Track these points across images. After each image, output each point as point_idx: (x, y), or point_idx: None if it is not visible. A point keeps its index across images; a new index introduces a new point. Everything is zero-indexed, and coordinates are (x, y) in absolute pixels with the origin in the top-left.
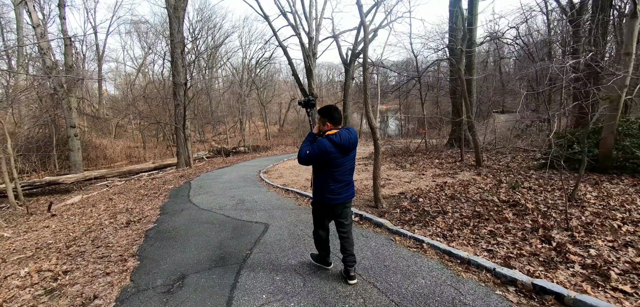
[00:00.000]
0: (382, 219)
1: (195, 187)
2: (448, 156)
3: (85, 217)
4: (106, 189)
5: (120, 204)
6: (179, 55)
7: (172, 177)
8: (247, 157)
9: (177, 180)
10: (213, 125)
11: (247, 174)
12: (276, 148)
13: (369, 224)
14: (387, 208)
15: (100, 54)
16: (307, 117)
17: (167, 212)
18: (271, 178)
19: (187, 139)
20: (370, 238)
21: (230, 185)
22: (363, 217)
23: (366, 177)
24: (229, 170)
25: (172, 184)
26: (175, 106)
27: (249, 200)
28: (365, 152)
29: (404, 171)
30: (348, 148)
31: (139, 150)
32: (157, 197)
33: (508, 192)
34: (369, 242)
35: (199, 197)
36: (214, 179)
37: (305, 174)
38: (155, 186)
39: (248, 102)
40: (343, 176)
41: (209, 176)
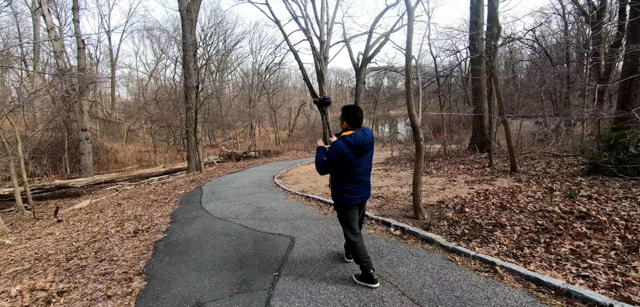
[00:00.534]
0: (430, 233)
1: (207, 193)
2: (472, 161)
3: (91, 224)
4: (116, 193)
5: (129, 210)
6: (191, 57)
7: (183, 181)
8: (259, 162)
9: (187, 185)
10: (223, 130)
11: (260, 179)
12: (287, 153)
13: (415, 239)
14: (430, 219)
15: (113, 59)
16: (322, 115)
17: (178, 220)
18: (287, 184)
19: (198, 143)
20: (423, 258)
21: (244, 191)
22: (406, 230)
23: (392, 184)
24: (241, 175)
25: (183, 189)
26: (186, 109)
27: (267, 208)
28: (379, 157)
29: (431, 177)
30: (363, 149)
31: (150, 155)
32: (167, 204)
33: (566, 202)
34: (423, 262)
35: (212, 204)
36: (226, 184)
37: (324, 179)
38: (165, 191)
39: (258, 107)
40: (360, 176)
41: (221, 180)
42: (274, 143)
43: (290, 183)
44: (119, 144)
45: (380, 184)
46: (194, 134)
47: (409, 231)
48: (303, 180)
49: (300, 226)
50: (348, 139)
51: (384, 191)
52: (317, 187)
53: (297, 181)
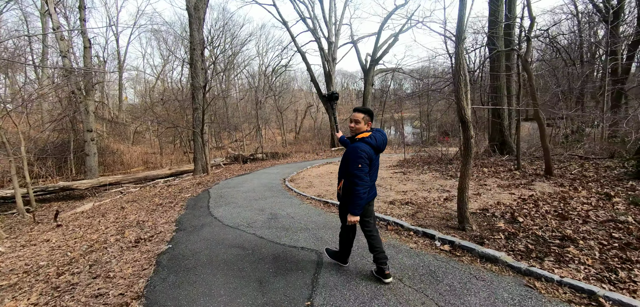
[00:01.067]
0: (488, 249)
1: (215, 197)
2: (495, 163)
3: (90, 230)
4: (120, 196)
5: (132, 214)
6: (199, 56)
7: (189, 184)
8: (266, 164)
9: (194, 188)
10: (229, 132)
11: (270, 183)
12: (295, 155)
13: (472, 257)
14: (480, 231)
15: (121, 61)
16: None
17: (185, 227)
18: (300, 187)
19: (205, 145)
20: (492, 283)
21: (255, 195)
22: (456, 245)
23: (416, 188)
24: (250, 177)
25: (189, 193)
26: (193, 110)
27: (282, 215)
28: (391, 159)
29: (454, 181)
30: (380, 149)
31: (156, 157)
32: (172, 208)
33: (634, 210)
34: (496, 290)
35: (221, 209)
36: (234, 187)
37: None
38: (171, 194)
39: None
40: (374, 176)
41: (229, 183)
42: (281, 145)
43: (304, 187)
44: (125, 145)
45: (403, 188)
46: (201, 135)
47: (461, 247)
48: (317, 183)
49: (325, 237)
50: (370, 141)
51: (411, 196)
52: (334, 191)
53: (310, 185)
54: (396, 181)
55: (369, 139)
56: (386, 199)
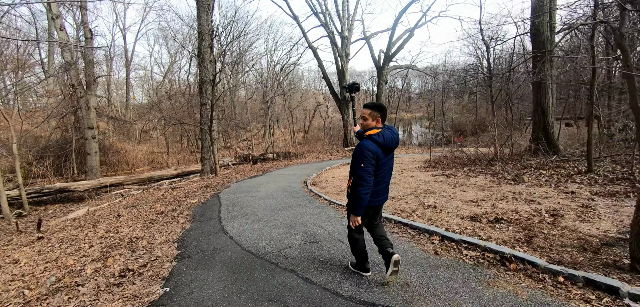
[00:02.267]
0: None
1: (228, 204)
2: (553, 165)
3: (72, 249)
4: (120, 199)
5: (126, 226)
6: (207, 48)
7: (197, 187)
8: (278, 164)
9: (202, 192)
10: (237, 131)
11: (290, 186)
12: (308, 155)
13: None
14: None
15: (128, 59)
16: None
17: (190, 253)
18: (329, 193)
19: (213, 143)
20: None
21: (276, 203)
22: None
23: (485, 198)
24: (264, 180)
25: (196, 198)
26: (200, 106)
27: (323, 234)
28: (413, 160)
29: (525, 186)
30: (390, 148)
31: (162, 156)
32: (175, 219)
33: None
34: None
35: (236, 222)
36: (248, 191)
37: None
38: (175, 198)
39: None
40: (384, 176)
41: (241, 187)
42: (291, 145)
43: (333, 192)
44: (131, 144)
45: (467, 197)
46: (209, 132)
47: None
48: (346, 186)
49: (413, 282)
50: (377, 139)
51: (491, 208)
52: None
53: (339, 189)
54: (447, 186)
55: (376, 136)
56: (458, 212)
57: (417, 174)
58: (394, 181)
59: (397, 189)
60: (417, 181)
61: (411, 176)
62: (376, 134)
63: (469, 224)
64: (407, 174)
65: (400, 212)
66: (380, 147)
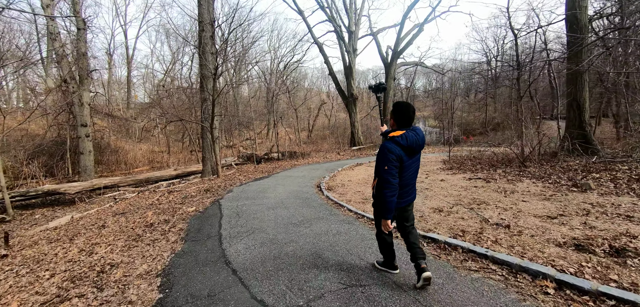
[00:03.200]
0: None
1: (230, 215)
2: (601, 167)
3: (33, 275)
4: (110, 204)
5: (104, 245)
6: (208, 39)
7: (195, 190)
8: (284, 165)
9: (201, 197)
10: (240, 130)
11: (302, 191)
12: (315, 155)
13: None
14: None
15: (129, 57)
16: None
17: (175, 299)
18: (351, 201)
19: (214, 142)
20: None
21: (288, 213)
22: None
23: (558, 210)
24: (271, 183)
25: (194, 206)
26: (201, 102)
27: (363, 268)
28: (425, 159)
29: (597, 195)
30: (415, 150)
31: (163, 156)
32: (165, 236)
33: None
34: None
35: (241, 244)
36: (254, 198)
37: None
38: (170, 205)
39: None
40: (409, 179)
41: (246, 192)
42: (296, 144)
43: (356, 201)
44: (131, 143)
45: (538, 209)
46: (211, 130)
47: None
48: (369, 193)
49: None
50: (399, 140)
51: (606, 235)
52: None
53: (363, 197)
54: (494, 193)
55: (399, 138)
56: (544, 234)
57: (446, 176)
58: (425, 185)
59: (435, 197)
60: (453, 187)
61: (441, 180)
62: (399, 135)
63: (579, 257)
64: (434, 176)
65: (462, 235)
66: (403, 150)
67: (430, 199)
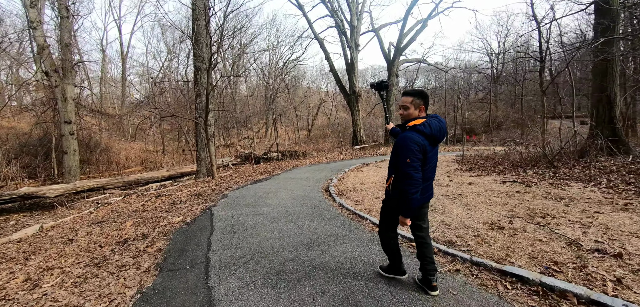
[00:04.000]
0: None
1: (223, 230)
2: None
3: None
4: (90, 210)
5: (55, 274)
6: (203, 29)
7: (186, 194)
8: (284, 165)
9: (191, 202)
10: (237, 129)
11: (309, 197)
12: (316, 155)
13: None
14: None
15: (123, 54)
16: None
17: None
18: (373, 212)
19: (209, 140)
20: None
21: (296, 228)
22: None
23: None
24: (272, 186)
25: (181, 214)
26: (195, 97)
27: None
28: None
29: None
30: (437, 139)
31: (158, 155)
32: (135, 261)
33: None
34: None
35: (236, 281)
36: (253, 205)
37: (460, 191)
38: (154, 213)
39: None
40: (430, 172)
41: (243, 197)
42: (295, 143)
43: (378, 210)
44: (124, 142)
45: (634, 226)
46: (205, 127)
47: None
48: None
49: None
50: (422, 129)
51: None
52: (461, 216)
53: None
54: (552, 201)
55: (421, 127)
56: None
57: (471, 178)
58: (454, 189)
59: (477, 206)
60: (489, 192)
61: (469, 183)
62: (421, 124)
63: None
64: (458, 178)
65: (556, 269)
66: (427, 139)
67: (472, 209)
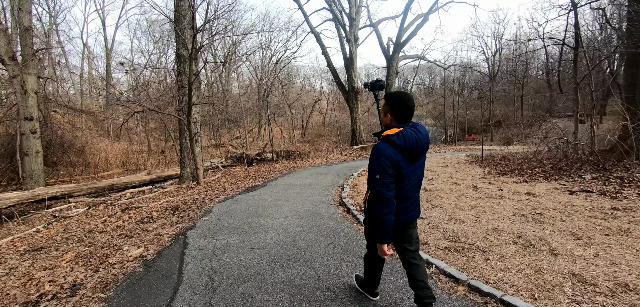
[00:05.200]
0: None
1: (195, 286)
2: None
3: None
4: (38, 229)
5: None
6: (186, 10)
7: (161, 207)
8: (281, 167)
9: (163, 221)
10: (229, 129)
11: (320, 214)
12: (315, 155)
13: None
14: None
15: (108, 47)
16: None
17: None
18: (433, 246)
19: (193, 139)
20: None
21: (316, 279)
22: None
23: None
24: (269, 196)
25: (143, 243)
26: (178, 89)
27: None
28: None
29: None
30: (415, 152)
31: (142, 156)
32: None
33: None
34: None
35: None
36: (244, 228)
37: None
38: (110, 239)
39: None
40: (410, 190)
41: (232, 212)
42: (290, 142)
43: (437, 239)
44: (108, 142)
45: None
46: (188, 125)
47: None
48: (445, 225)
49: None
50: (394, 140)
51: None
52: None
53: (445, 234)
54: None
55: (394, 137)
56: None
57: (527, 188)
58: (529, 209)
59: (605, 250)
60: (583, 215)
61: (528, 193)
62: (394, 134)
63: None
64: (508, 188)
65: None
66: (400, 152)
67: (583, 247)
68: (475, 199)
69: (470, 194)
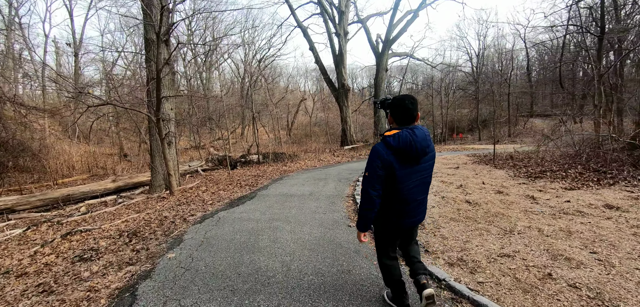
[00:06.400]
0: None
1: None
2: None
3: None
4: None
5: None
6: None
7: (115, 231)
8: (269, 171)
9: (109, 259)
10: (211, 129)
11: (340, 245)
12: (306, 156)
13: None
14: None
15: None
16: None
17: None
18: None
19: (164, 140)
20: None
21: None
22: None
23: None
24: (262, 214)
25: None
26: (147, 81)
27: None
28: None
29: None
30: (412, 154)
31: (113, 160)
32: None
33: None
34: None
35: None
36: (230, 278)
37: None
38: (28, 285)
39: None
40: (408, 193)
41: (211, 244)
42: (276, 143)
43: (507, 281)
44: (75, 145)
45: None
46: (157, 123)
47: None
48: (519, 270)
49: None
50: (389, 140)
51: None
52: None
53: (518, 281)
54: None
55: (390, 138)
56: None
57: (584, 198)
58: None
59: None
60: None
61: (607, 206)
62: (391, 135)
63: None
64: (556, 201)
65: None
66: (394, 154)
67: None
68: (551, 218)
69: (531, 206)
